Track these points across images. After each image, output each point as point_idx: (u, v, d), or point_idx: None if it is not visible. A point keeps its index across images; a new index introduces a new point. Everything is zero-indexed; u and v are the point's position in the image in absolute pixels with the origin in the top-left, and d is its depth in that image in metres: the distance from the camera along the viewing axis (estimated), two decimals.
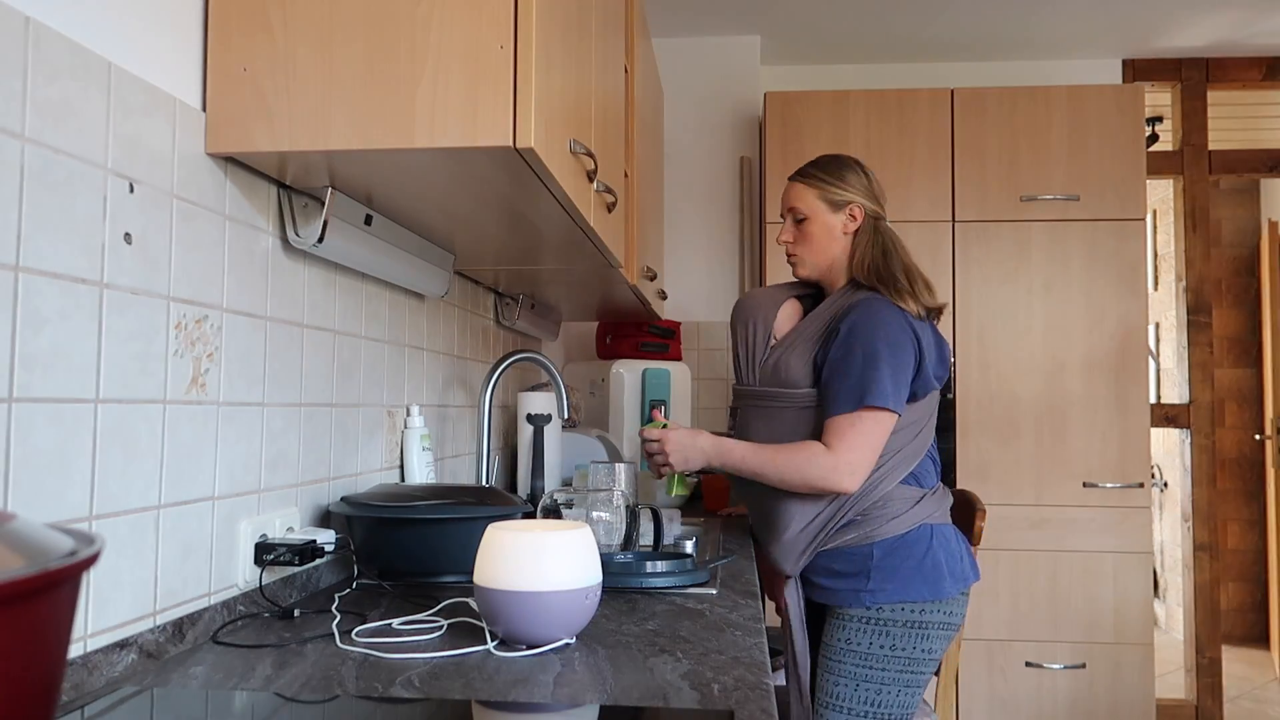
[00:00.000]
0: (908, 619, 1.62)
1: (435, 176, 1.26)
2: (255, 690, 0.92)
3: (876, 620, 1.63)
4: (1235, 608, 5.01)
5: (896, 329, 1.61)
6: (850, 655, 1.64)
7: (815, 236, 1.75)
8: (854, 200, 1.74)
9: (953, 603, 1.64)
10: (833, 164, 1.78)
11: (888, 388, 1.58)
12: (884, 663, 1.62)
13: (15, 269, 0.84)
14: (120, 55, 0.99)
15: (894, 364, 1.59)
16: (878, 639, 1.63)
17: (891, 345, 1.60)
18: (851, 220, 1.74)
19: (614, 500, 1.70)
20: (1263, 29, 3.24)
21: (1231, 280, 5.12)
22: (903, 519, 1.64)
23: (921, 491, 1.68)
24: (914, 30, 3.29)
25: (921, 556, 1.63)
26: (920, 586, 1.62)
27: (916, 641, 1.62)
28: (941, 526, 1.67)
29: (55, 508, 0.88)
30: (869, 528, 1.64)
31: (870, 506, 1.65)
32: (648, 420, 1.89)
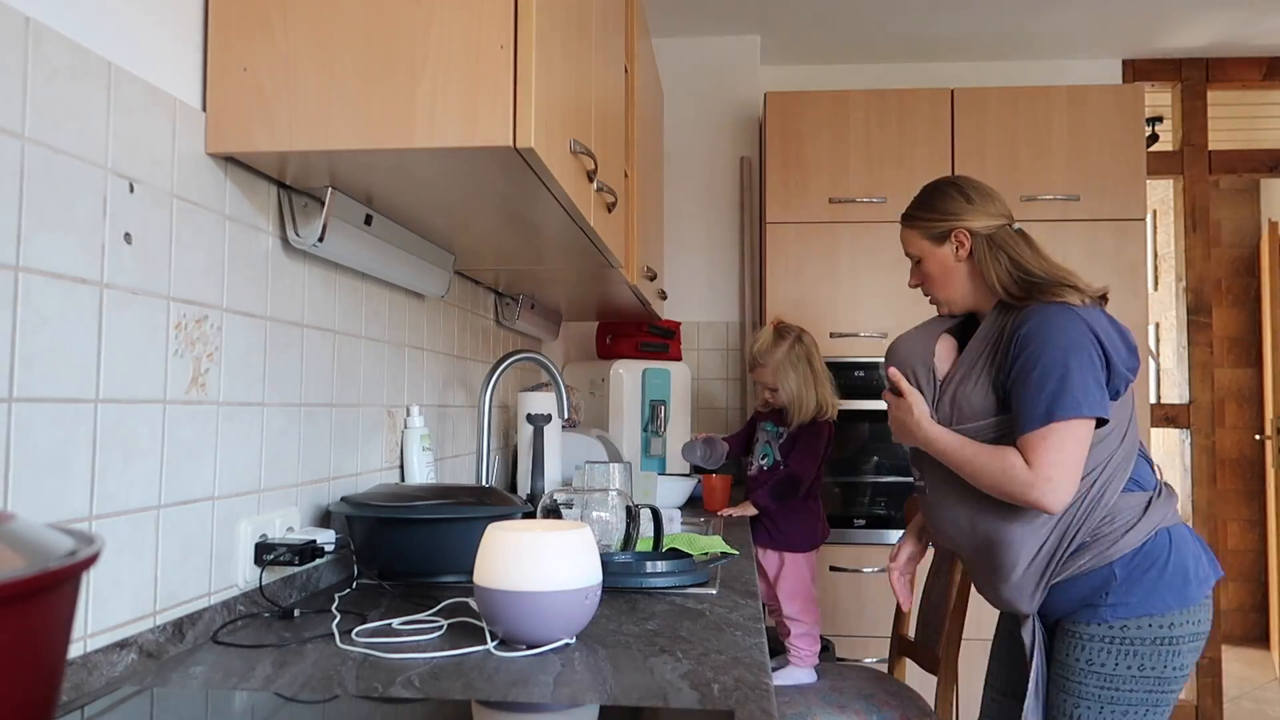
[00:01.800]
0: (1156, 635, 1.49)
1: (435, 176, 1.26)
2: (255, 690, 0.92)
3: (1122, 639, 1.50)
4: (1235, 608, 5.01)
5: (1073, 330, 1.49)
6: (1093, 677, 1.51)
7: (934, 275, 1.70)
8: (954, 226, 1.65)
9: (1200, 609, 1.51)
10: (927, 196, 1.72)
11: (1077, 395, 1.46)
12: (1132, 684, 1.49)
13: (15, 269, 0.84)
14: (120, 55, 0.99)
15: (1080, 367, 1.47)
16: (1124, 659, 1.49)
17: (1072, 349, 1.48)
18: (960, 247, 1.65)
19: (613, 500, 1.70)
20: (1263, 29, 3.24)
21: (1231, 280, 5.12)
22: (1138, 529, 1.51)
23: (1148, 495, 1.54)
24: (914, 30, 3.29)
25: (1165, 564, 1.50)
26: (1167, 596, 1.49)
27: (1168, 659, 1.49)
28: (1177, 528, 1.54)
29: (55, 508, 0.88)
30: (1103, 546, 1.51)
31: (1099, 524, 1.52)
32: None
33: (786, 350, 2.39)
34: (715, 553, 1.69)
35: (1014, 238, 1.63)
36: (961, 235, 1.65)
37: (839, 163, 3.04)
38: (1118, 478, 1.52)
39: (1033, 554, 1.53)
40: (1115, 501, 1.52)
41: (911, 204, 1.74)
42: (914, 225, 1.71)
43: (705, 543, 1.75)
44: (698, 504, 2.64)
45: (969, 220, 1.65)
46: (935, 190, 1.71)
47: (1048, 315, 1.51)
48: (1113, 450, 1.52)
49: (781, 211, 3.06)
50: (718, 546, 1.73)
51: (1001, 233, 1.64)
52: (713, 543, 1.75)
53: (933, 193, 1.71)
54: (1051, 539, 1.52)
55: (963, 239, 1.65)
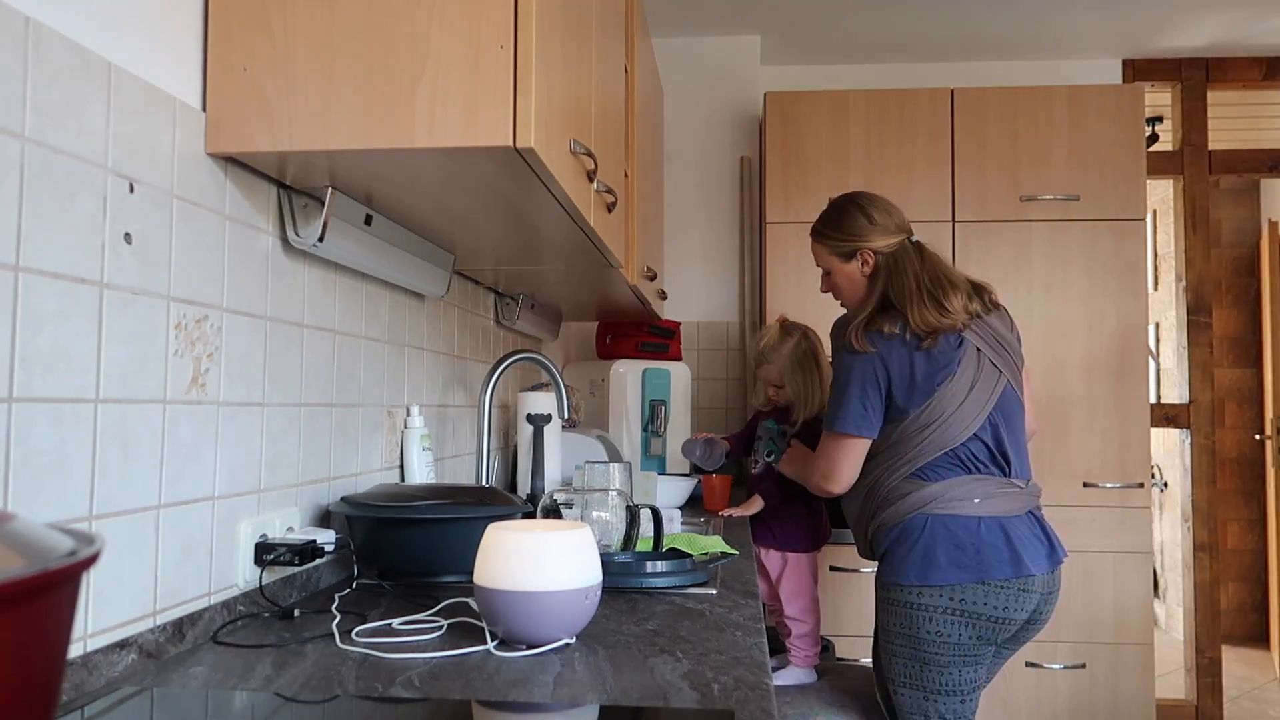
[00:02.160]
0: (906, 599, 1.75)
1: (435, 176, 1.26)
2: (255, 690, 0.92)
3: (885, 600, 1.80)
4: (1235, 608, 5.01)
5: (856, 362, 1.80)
6: (880, 631, 1.83)
7: (842, 287, 1.94)
8: (861, 246, 1.87)
9: (963, 590, 1.72)
10: (834, 215, 1.92)
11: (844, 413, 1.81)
12: (899, 640, 1.77)
13: (15, 269, 0.84)
14: (120, 55, 0.99)
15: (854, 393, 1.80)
16: (888, 617, 1.79)
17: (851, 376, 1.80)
18: (865, 265, 1.88)
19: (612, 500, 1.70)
20: (1263, 29, 3.24)
21: (1231, 280, 5.12)
22: (897, 507, 1.79)
23: (922, 484, 1.79)
24: (914, 30, 3.29)
25: (913, 543, 1.75)
26: (909, 570, 1.75)
27: (920, 623, 1.73)
28: (946, 517, 1.75)
29: (55, 508, 0.88)
30: (881, 517, 1.82)
31: (881, 500, 1.83)
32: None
33: (793, 347, 2.40)
34: (715, 553, 1.69)
35: (906, 253, 1.85)
36: (867, 254, 1.87)
37: (839, 163, 3.04)
38: (903, 468, 1.80)
39: (852, 512, 1.93)
40: (894, 485, 1.81)
41: (820, 220, 1.96)
42: (823, 242, 1.93)
43: (705, 543, 1.75)
44: (698, 504, 2.64)
45: (873, 240, 1.86)
46: (842, 210, 1.92)
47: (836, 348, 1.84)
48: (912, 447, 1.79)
49: (781, 211, 3.06)
50: (718, 546, 1.73)
51: (900, 249, 1.86)
52: (713, 543, 1.75)
53: (840, 213, 1.92)
54: (858, 503, 1.89)
55: (868, 258, 1.88)
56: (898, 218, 1.89)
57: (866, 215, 1.88)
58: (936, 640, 1.73)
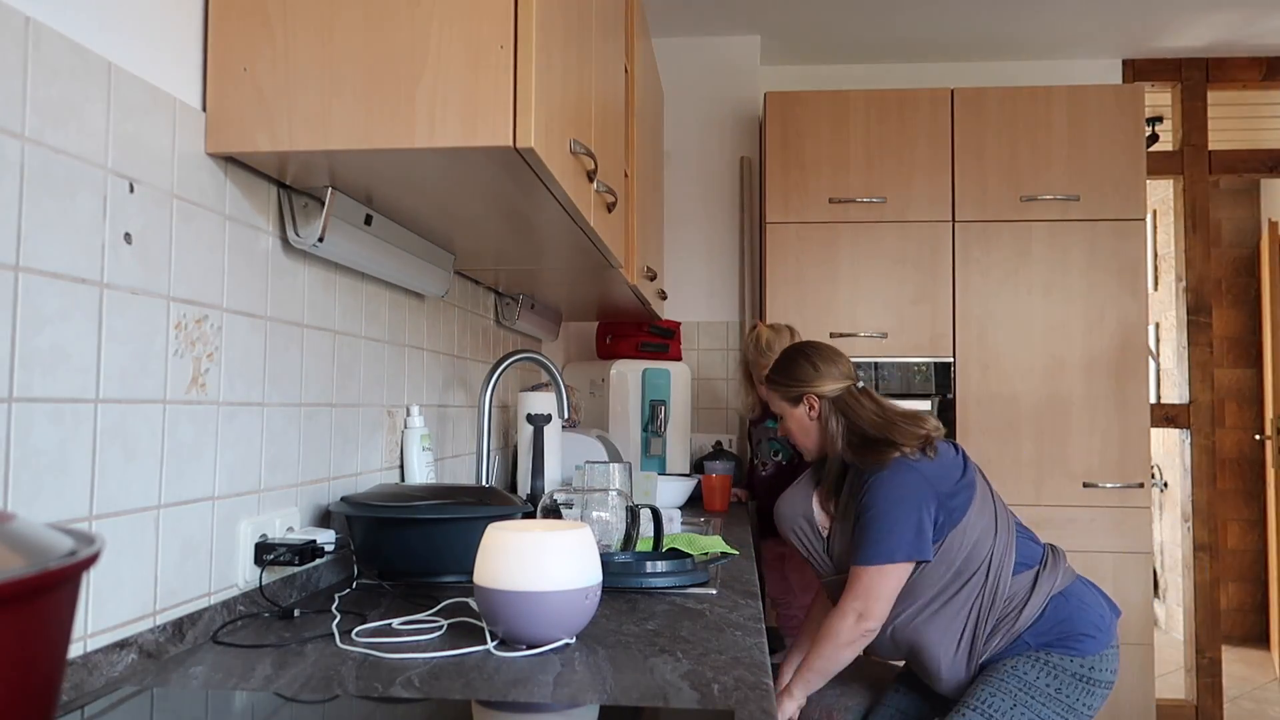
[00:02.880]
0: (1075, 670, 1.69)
1: (435, 176, 1.26)
2: (255, 690, 0.92)
3: (1045, 661, 1.70)
4: (1235, 608, 5.01)
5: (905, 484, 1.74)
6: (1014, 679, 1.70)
7: (793, 429, 1.96)
8: (804, 392, 1.91)
9: (1112, 654, 1.72)
10: (784, 364, 1.96)
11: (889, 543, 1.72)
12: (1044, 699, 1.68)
13: (15, 269, 0.84)
14: (120, 55, 0.99)
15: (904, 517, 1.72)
16: (1044, 673, 1.69)
17: (898, 502, 1.73)
18: (811, 409, 1.91)
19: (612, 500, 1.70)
20: (1263, 29, 3.24)
21: (1231, 280, 5.12)
22: (1032, 603, 1.73)
23: (1034, 570, 1.76)
24: (914, 30, 3.29)
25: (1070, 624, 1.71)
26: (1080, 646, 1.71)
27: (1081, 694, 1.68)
28: (1071, 588, 1.75)
29: (55, 508, 0.88)
30: (1009, 625, 1.73)
31: (1003, 608, 1.74)
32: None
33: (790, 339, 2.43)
34: (715, 553, 1.69)
35: (855, 398, 1.89)
36: (811, 399, 1.91)
37: (839, 163, 3.04)
38: (1006, 564, 1.75)
39: (954, 647, 1.76)
40: (1010, 585, 1.74)
41: (772, 368, 2.00)
42: (774, 388, 1.97)
43: (705, 543, 1.75)
44: (698, 504, 2.64)
45: (817, 386, 1.90)
46: (790, 359, 1.97)
47: (882, 479, 1.76)
48: (990, 546, 1.75)
49: (781, 211, 3.06)
50: (718, 546, 1.73)
51: (845, 395, 1.89)
52: (713, 543, 1.75)
53: (789, 361, 1.97)
54: (967, 631, 1.75)
55: (812, 402, 1.91)
56: (843, 366, 1.93)
57: (811, 363, 1.92)
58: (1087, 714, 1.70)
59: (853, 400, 1.89)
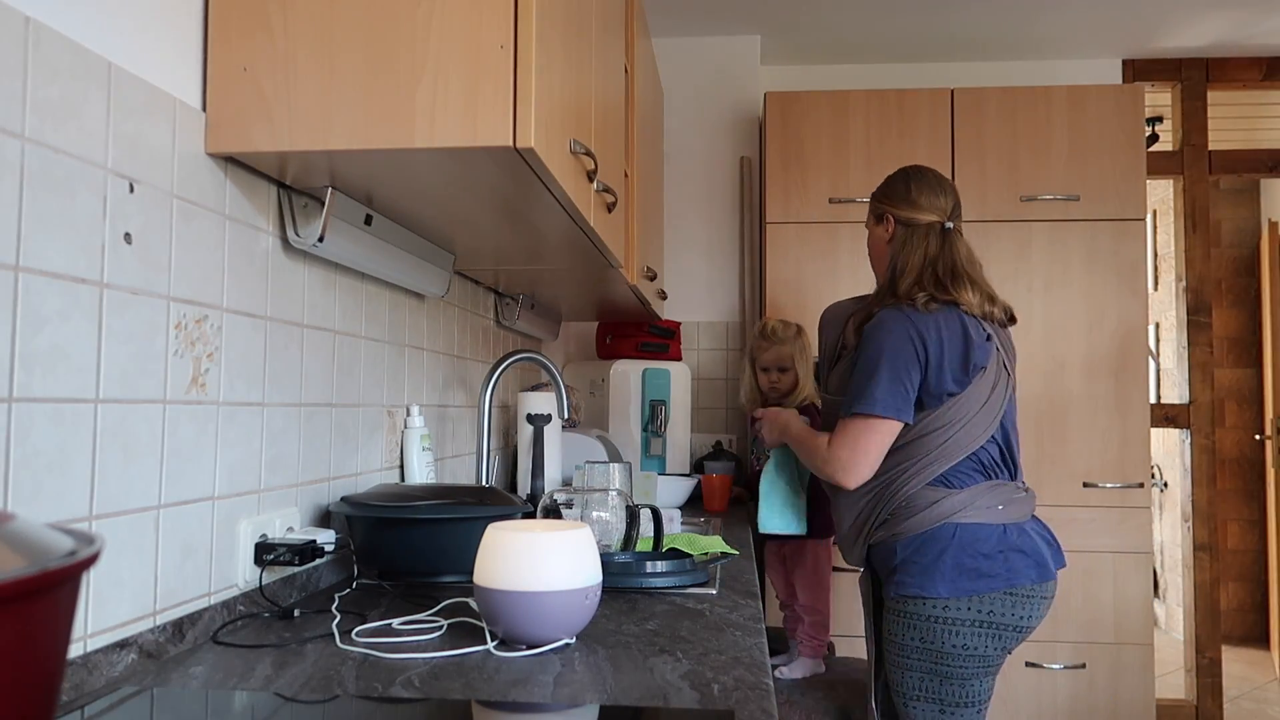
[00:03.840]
0: (930, 613, 1.67)
1: (435, 176, 1.26)
2: (255, 690, 0.92)
3: (905, 613, 1.70)
4: (1235, 608, 5.01)
5: (897, 334, 1.69)
6: (892, 646, 1.73)
7: (870, 249, 1.90)
8: (886, 210, 1.82)
9: (990, 600, 1.65)
10: (885, 180, 1.87)
11: (876, 395, 1.68)
12: (919, 654, 1.68)
13: (15, 269, 0.84)
14: (120, 55, 0.99)
15: (890, 373, 1.67)
16: (908, 631, 1.70)
17: (889, 353, 1.68)
18: (885, 230, 1.83)
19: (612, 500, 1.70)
20: (1263, 29, 3.24)
21: (1231, 280, 5.12)
22: (922, 517, 1.69)
23: (947, 492, 1.70)
24: (914, 30, 3.29)
25: (940, 554, 1.67)
26: (938, 582, 1.66)
27: (946, 636, 1.66)
28: (973, 525, 1.68)
29: (55, 508, 0.88)
30: (897, 526, 1.72)
31: (897, 508, 1.72)
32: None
33: (796, 333, 2.48)
34: (715, 553, 1.69)
35: (937, 237, 1.77)
36: (890, 220, 1.82)
37: (839, 163, 3.04)
38: (924, 472, 1.71)
39: (850, 517, 1.80)
40: (914, 491, 1.71)
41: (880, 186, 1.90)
42: (871, 202, 1.90)
43: (705, 543, 1.74)
44: (698, 504, 2.64)
45: (900, 209, 1.80)
46: (893, 177, 1.87)
47: (881, 319, 1.71)
48: (931, 448, 1.71)
49: (781, 211, 3.06)
50: (718, 546, 1.73)
51: (927, 229, 1.78)
52: (713, 543, 1.75)
53: (890, 177, 1.87)
54: (864, 510, 1.77)
55: (889, 223, 1.82)
56: (942, 201, 1.79)
57: (906, 185, 1.81)
58: (961, 654, 1.66)
59: (934, 238, 1.76)
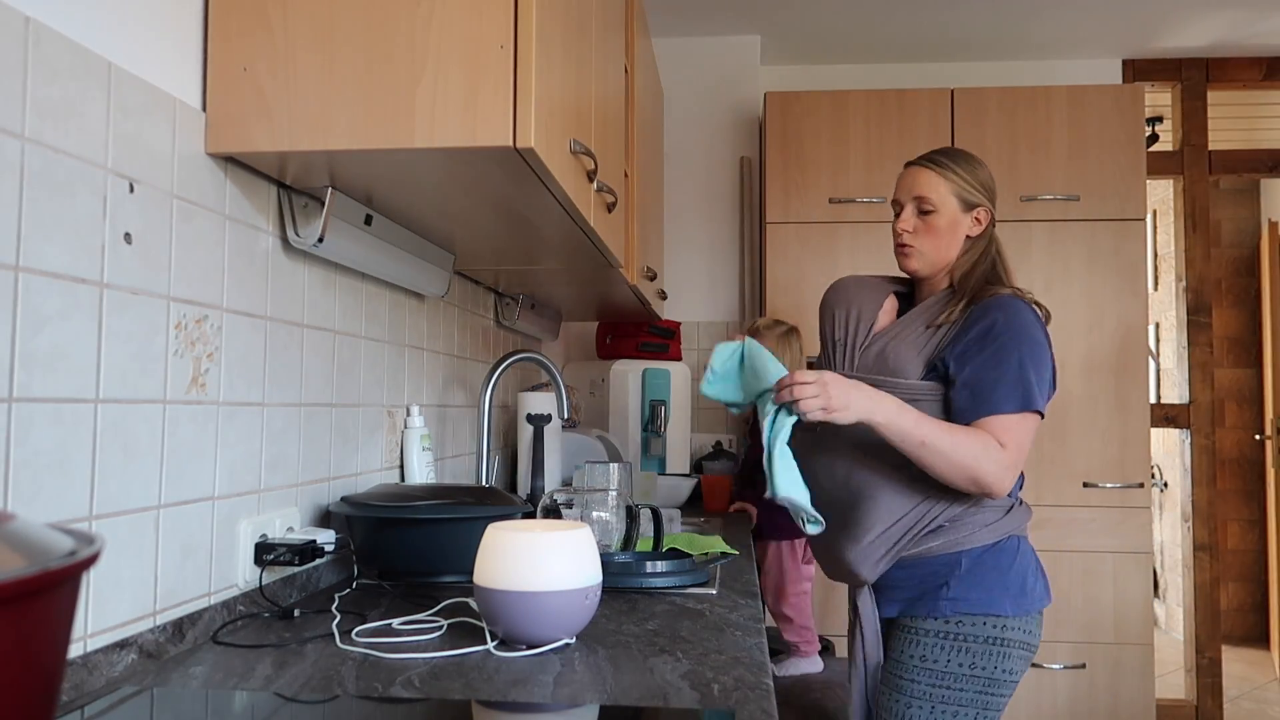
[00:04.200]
0: (989, 634, 1.50)
1: (435, 176, 1.26)
2: (255, 690, 0.92)
3: (956, 635, 1.51)
4: (1235, 608, 5.01)
5: (1041, 332, 1.54)
6: (925, 674, 1.52)
7: (941, 232, 1.62)
8: (984, 204, 1.64)
9: (1032, 621, 1.54)
10: (966, 160, 1.66)
11: (1042, 390, 1.50)
12: (963, 683, 1.50)
13: (15, 269, 0.84)
14: (120, 55, 0.99)
15: (1041, 368, 1.51)
16: (956, 655, 1.50)
17: (1041, 348, 1.52)
18: (977, 224, 1.64)
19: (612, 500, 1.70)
20: (1263, 29, 3.24)
21: (1231, 280, 5.12)
22: (995, 527, 1.54)
23: (1011, 502, 1.58)
24: (914, 30, 3.29)
25: (1008, 568, 1.53)
26: (1004, 599, 1.51)
27: (998, 660, 1.50)
28: (1027, 541, 1.59)
29: (55, 508, 0.88)
30: (959, 534, 1.53)
31: (963, 512, 1.54)
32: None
33: (785, 331, 2.45)
34: (715, 553, 1.69)
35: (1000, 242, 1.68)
36: (984, 215, 1.64)
37: (839, 163, 3.04)
38: None
39: (893, 519, 1.54)
40: (981, 501, 1.54)
41: (944, 154, 1.67)
42: (951, 178, 1.63)
43: (705, 543, 1.75)
44: (698, 504, 2.64)
45: (989, 201, 1.66)
46: (975, 160, 1.67)
47: (1022, 310, 1.53)
48: None
49: (781, 211, 3.06)
50: (718, 546, 1.73)
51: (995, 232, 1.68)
52: (713, 543, 1.75)
53: (974, 161, 1.67)
54: (914, 513, 1.53)
55: (983, 218, 1.64)
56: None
57: (988, 175, 1.67)
58: (1007, 680, 1.50)
59: (999, 241, 1.66)
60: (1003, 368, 1.49)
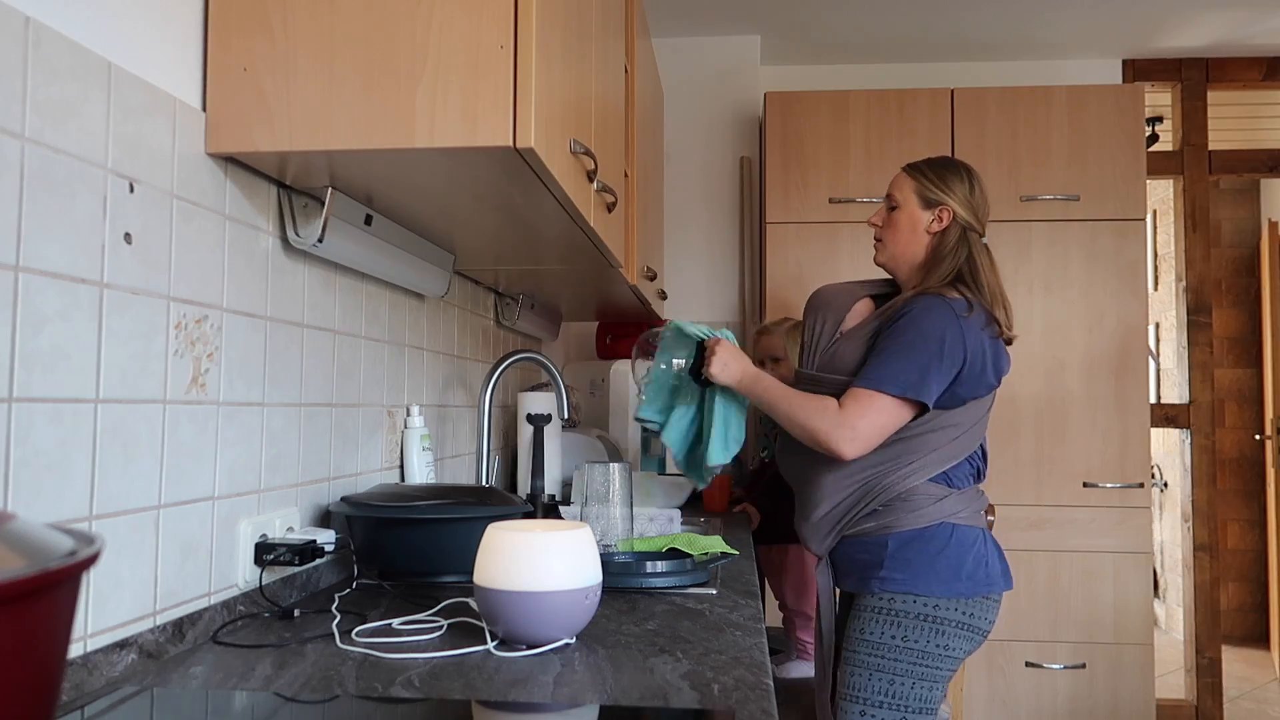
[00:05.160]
0: (920, 611, 1.63)
1: (435, 176, 1.26)
2: (255, 690, 0.92)
3: (889, 610, 1.64)
4: (1235, 608, 5.01)
5: (941, 321, 1.61)
6: (864, 645, 1.66)
7: (900, 226, 1.77)
8: (946, 203, 1.74)
9: (973, 604, 1.64)
10: (940, 164, 1.80)
11: (913, 378, 1.59)
12: (896, 654, 1.63)
13: (15, 269, 0.84)
14: (120, 55, 0.99)
15: (933, 360, 1.59)
16: (889, 629, 1.64)
17: (936, 341, 1.60)
18: (938, 221, 1.74)
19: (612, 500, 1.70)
20: (1263, 29, 3.24)
21: (1231, 280, 5.12)
22: (922, 513, 1.65)
23: (948, 490, 1.67)
24: (914, 30, 3.29)
25: (937, 552, 1.64)
26: (932, 581, 1.63)
27: (930, 636, 1.62)
28: (965, 528, 1.66)
29: (55, 508, 0.88)
30: (889, 518, 1.66)
31: (894, 499, 1.66)
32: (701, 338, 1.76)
33: (793, 326, 2.45)
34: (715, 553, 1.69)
35: (986, 250, 1.75)
36: (945, 213, 1.74)
37: (839, 163, 3.04)
38: (929, 468, 1.66)
39: (834, 503, 1.70)
40: (917, 486, 1.66)
41: (925, 161, 1.82)
42: (915, 178, 1.78)
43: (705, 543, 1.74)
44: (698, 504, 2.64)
45: (958, 205, 1.74)
46: (950, 163, 1.80)
47: (932, 306, 1.63)
48: (939, 444, 1.66)
49: (781, 211, 3.06)
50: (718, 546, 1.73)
51: (973, 234, 1.74)
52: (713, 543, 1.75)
53: (946, 163, 1.80)
54: (853, 496, 1.69)
55: (944, 216, 1.74)
56: (986, 211, 1.78)
57: (967, 182, 1.76)
58: (942, 654, 1.62)
59: (979, 249, 1.72)
60: (883, 352, 1.63)
